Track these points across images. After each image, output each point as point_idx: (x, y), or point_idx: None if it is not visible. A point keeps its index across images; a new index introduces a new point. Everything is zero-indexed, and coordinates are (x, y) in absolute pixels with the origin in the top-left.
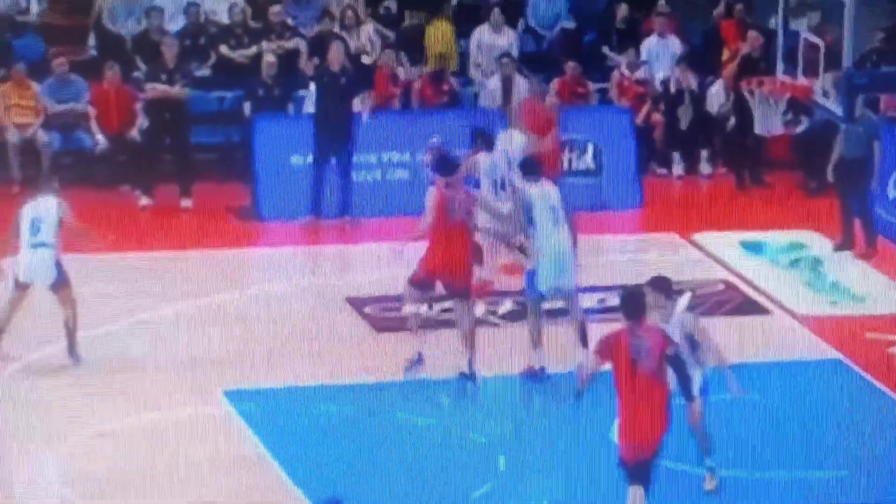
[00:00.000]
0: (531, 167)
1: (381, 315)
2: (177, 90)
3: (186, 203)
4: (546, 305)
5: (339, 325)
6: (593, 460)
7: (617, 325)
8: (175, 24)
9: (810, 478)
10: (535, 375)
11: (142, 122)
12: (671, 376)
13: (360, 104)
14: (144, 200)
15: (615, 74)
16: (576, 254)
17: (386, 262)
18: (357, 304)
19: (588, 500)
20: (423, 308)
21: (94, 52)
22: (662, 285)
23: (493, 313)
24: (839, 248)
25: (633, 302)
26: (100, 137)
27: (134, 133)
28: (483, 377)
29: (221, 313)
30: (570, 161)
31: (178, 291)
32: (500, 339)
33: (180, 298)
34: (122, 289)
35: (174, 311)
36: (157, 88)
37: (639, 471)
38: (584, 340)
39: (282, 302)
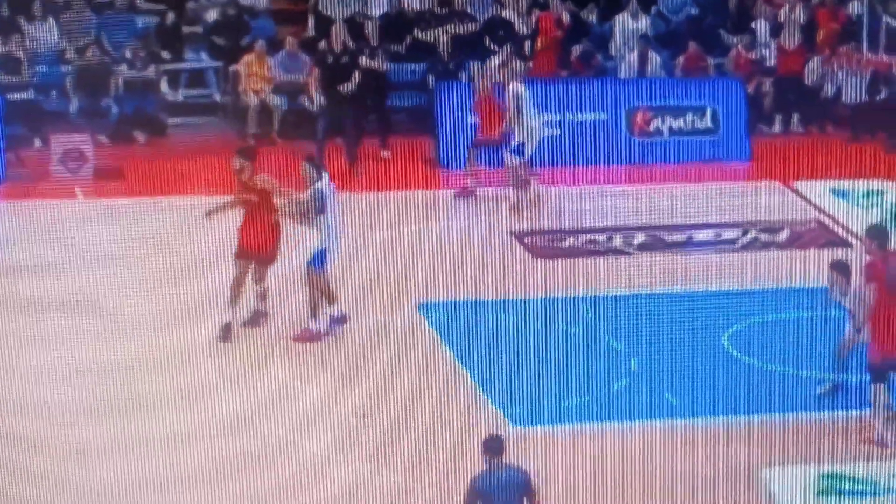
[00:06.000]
0: (318, 165)
1: (538, 244)
2: (378, 63)
3: (386, 154)
4: (669, 238)
5: (505, 252)
6: (705, 362)
7: (724, 255)
8: (377, 9)
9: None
10: (311, 338)
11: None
12: None
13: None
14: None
15: (733, 52)
16: None
17: (542, 201)
18: (519, 235)
19: (701, 393)
20: None
21: (312, 33)
22: (843, 268)
23: (629, 244)
24: None
25: (884, 235)
26: (317, 101)
27: None
28: (615, 295)
29: (413, 242)
30: (692, 122)
31: (378, 224)
32: (633, 266)
33: (379, 230)
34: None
35: (375, 239)
36: (362, 62)
37: (883, 371)
38: (314, 312)
39: (460, 233)
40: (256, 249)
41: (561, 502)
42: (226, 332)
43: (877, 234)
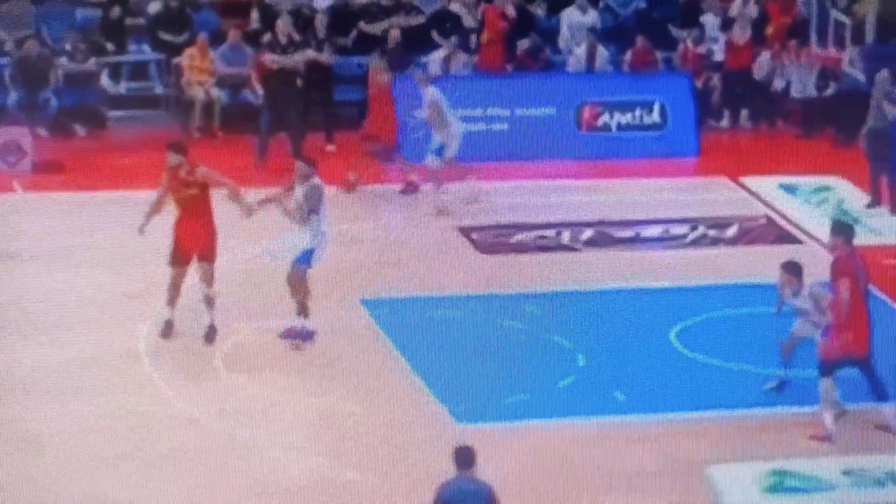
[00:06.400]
0: (310, 160)
1: (485, 240)
2: (324, 56)
3: (331, 147)
4: (618, 234)
5: (451, 248)
6: (653, 359)
7: (672, 251)
8: (323, 0)
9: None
10: (301, 336)
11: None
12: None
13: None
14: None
15: (681, 47)
16: None
17: (487, 197)
18: (466, 230)
19: (648, 389)
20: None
21: (257, 25)
22: (795, 268)
23: (577, 240)
24: (871, 205)
25: (849, 231)
26: (261, 94)
27: None
28: (571, 291)
29: (358, 237)
30: (640, 117)
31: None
32: (581, 262)
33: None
34: (272, 215)
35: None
36: (307, 54)
37: (835, 366)
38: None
39: (406, 228)
40: (198, 248)
41: (506, 501)
42: (167, 329)
43: (842, 229)
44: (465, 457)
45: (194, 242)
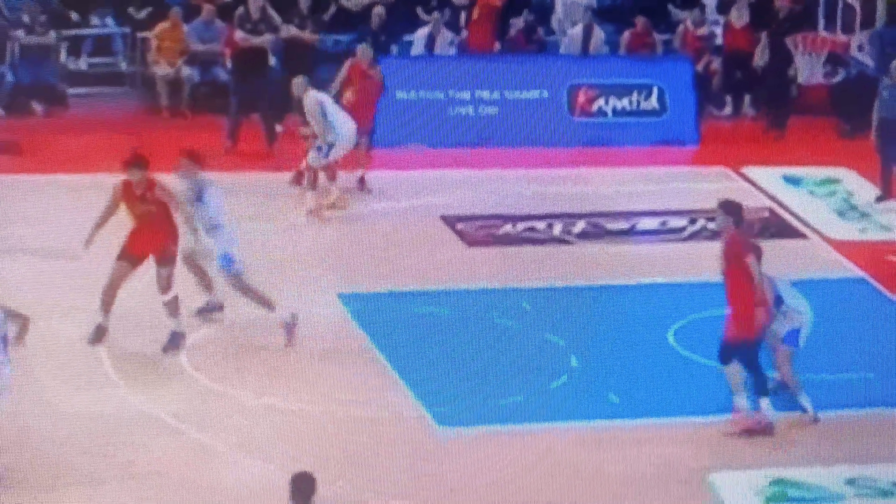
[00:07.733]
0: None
1: (471, 231)
2: (308, 34)
3: (306, 131)
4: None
5: (435, 239)
6: (650, 359)
7: (670, 245)
8: None
9: (839, 379)
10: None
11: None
12: None
13: None
14: (278, 128)
15: (681, 28)
16: None
17: (475, 185)
18: (450, 221)
19: (645, 392)
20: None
21: None
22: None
23: (569, 232)
24: (880, 199)
25: (738, 212)
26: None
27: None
28: (562, 287)
29: (336, 227)
30: (638, 102)
31: (299, 207)
32: (574, 256)
33: (299, 213)
34: (246, 203)
35: (295, 224)
36: (290, 31)
37: (734, 352)
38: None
39: (386, 218)
40: (154, 248)
41: None
42: (98, 334)
43: (732, 209)
44: (304, 486)
45: (149, 246)
